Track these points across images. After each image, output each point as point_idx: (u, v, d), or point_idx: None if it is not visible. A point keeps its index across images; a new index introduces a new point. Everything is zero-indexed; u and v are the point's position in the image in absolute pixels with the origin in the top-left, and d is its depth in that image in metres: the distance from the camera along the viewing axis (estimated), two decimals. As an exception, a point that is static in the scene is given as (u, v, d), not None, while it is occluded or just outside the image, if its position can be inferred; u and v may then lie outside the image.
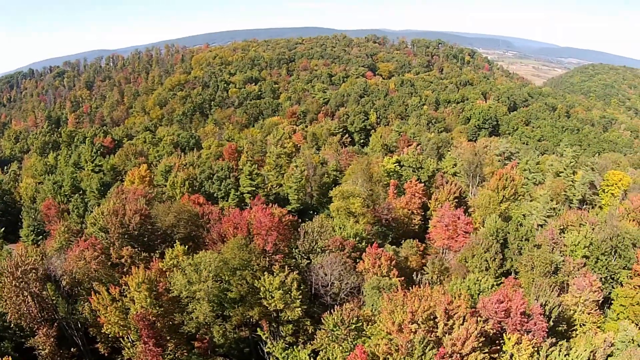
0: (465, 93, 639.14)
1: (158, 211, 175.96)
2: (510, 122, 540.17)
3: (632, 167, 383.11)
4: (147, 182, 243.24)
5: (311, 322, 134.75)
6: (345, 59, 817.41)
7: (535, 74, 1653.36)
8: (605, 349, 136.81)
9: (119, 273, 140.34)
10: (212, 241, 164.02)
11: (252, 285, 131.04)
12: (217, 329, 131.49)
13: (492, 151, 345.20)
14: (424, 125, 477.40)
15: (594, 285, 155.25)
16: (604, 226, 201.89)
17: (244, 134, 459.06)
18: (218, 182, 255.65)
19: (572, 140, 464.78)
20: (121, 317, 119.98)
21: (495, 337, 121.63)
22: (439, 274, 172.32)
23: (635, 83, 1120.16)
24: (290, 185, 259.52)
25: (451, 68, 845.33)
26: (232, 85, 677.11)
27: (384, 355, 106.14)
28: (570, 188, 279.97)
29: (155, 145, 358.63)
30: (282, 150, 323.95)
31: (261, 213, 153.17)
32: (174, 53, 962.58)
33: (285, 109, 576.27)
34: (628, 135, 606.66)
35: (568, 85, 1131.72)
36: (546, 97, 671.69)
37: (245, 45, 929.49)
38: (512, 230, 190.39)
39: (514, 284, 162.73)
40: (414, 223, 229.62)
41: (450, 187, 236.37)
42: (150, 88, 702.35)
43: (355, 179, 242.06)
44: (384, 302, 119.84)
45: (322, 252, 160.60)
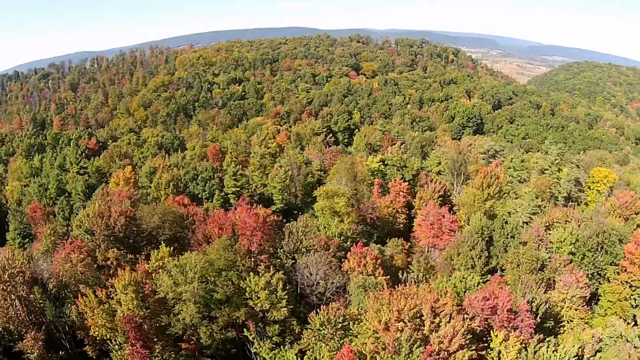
0: (449, 92, 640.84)
1: (143, 213, 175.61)
2: (495, 120, 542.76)
3: (617, 164, 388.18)
4: (132, 184, 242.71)
5: (297, 322, 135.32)
6: (328, 59, 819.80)
7: (519, 72, 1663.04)
8: (594, 344, 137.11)
9: (105, 275, 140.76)
10: (198, 242, 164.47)
11: (237, 286, 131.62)
12: (204, 330, 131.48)
13: (476, 149, 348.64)
14: (407, 124, 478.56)
15: (580, 281, 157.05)
16: (589, 223, 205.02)
17: (228, 135, 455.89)
18: (202, 183, 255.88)
19: (557, 138, 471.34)
20: (108, 319, 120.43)
21: (483, 334, 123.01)
22: (424, 273, 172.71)
23: (621, 80, 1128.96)
24: (274, 186, 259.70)
25: (435, 67, 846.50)
26: (215, 85, 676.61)
27: (371, 354, 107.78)
28: (556, 185, 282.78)
29: (140, 147, 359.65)
30: (266, 151, 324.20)
31: (246, 213, 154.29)
32: (157, 54, 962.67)
33: (269, 109, 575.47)
34: (613, 133, 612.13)
35: (553, 83, 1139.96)
36: (531, 95, 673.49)
37: (229, 46, 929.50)
38: (498, 228, 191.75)
39: (500, 281, 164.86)
40: (398, 222, 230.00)
41: (435, 186, 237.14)
42: (135, 89, 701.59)
43: (340, 178, 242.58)
44: (370, 301, 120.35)
45: (307, 251, 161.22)
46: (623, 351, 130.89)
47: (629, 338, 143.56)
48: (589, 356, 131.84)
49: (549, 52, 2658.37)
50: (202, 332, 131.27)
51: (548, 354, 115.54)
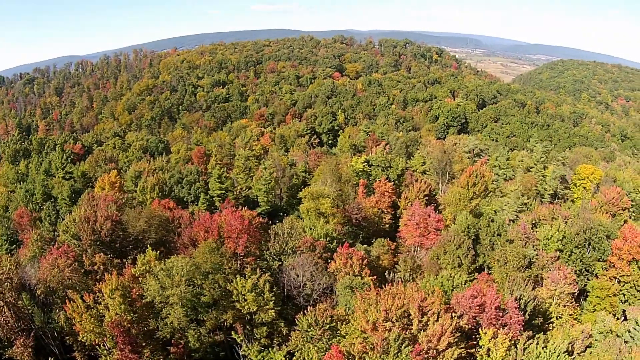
0: (433, 91, 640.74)
1: (129, 217, 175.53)
2: (479, 119, 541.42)
3: (603, 161, 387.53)
4: (118, 188, 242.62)
5: (285, 323, 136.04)
6: (312, 60, 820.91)
7: (504, 71, 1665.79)
8: (583, 340, 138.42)
9: (93, 280, 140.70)
10: (184, 245, 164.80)
11: (224, 289, 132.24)
12: (191, 334, 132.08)
13: (461, 148, 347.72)
14: (392, 125, 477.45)
15: (568, 278, 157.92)
16: (576, 219, 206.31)
17: (213, 138, 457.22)
18: (187, 186, 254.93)
19: (542, 136, 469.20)
20: (96, 324, 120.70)
21: (471, 332, 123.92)
22: (411, 272, 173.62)
23: (606, 78, 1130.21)
24: (259, 188, 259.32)
25: (419, 67, 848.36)
26: (199, 89, 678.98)
27: (359, 354, 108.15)
28: (541, 183, 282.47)
29: (125, 151, 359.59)
30: (251, 153, 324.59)
31: (231, 216, 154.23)
32: (142, 58, 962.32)
33: (253, 112, 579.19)
34: (599, 130, 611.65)
35: (537, 81, 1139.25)
36: (515, 93, 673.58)
37: (212, 49, 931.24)
38: (484, 226, 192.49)
39: (488, 279, 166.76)
40: (384, 222, 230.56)
41: (420, 185, 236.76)
42: (119, 93, 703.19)
43: (324, 179, 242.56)
44: (357, 301, 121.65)
45: (293, 253, 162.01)
46: (613, 346, 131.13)
47: (619, 333, 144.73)
48: (579, 352, 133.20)
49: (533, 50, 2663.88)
50: (190, 336, 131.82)
51: (537, 350, 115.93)
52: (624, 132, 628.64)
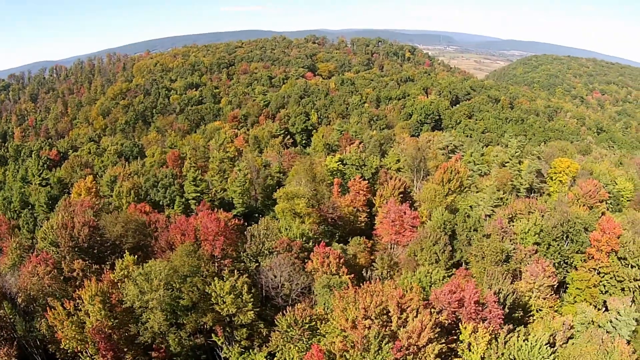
0: (406, 89, 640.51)
1: (106, 222, 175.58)
2: (453, 115, 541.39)
3: (579, 154, 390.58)
4: (94, 194, 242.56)
5: (265, 324, 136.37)
6: (285, 61, 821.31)
7: (477, 67, 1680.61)
8: (565, 331, 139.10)
9: (72, 287, 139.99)
10: (161, 249, 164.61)
11: (203, 292, 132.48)
12: (172, 338, 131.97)
13: (435, 145, 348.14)
14: (365, 123, 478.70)
15: (547, 270, 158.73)
16: (553, 213, 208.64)
17: (187, 141, 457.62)
18: (163, 190, 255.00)
19: (516, 131, 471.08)
20: (78, 331, 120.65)
21: (451, 327, 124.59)
22: (388, 269, 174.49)
23: (581, 72, 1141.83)
24: (234, 190, 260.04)
25: (392, 65, 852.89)
26: (173, 91, 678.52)
27: (340, 352, 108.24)
28: (517, 177, 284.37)
29: (100, 156, 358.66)
30: (225, 155, 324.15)
31: (207, 218, 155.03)
32: (115, 61, 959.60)
33: (226, 114, 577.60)
34: (574, 123, 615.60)
35: (511, 77, 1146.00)
36: (489, 89, 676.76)
37: (185, 51, 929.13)
38: (460, 222, 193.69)
39: (466, 274, 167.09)
40: (360, 220, 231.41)
41: (395, 183, 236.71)
42: (93, 98, 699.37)
43: (299, 179, 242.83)
44: (336, 300, 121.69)
45: (270, 254, 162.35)
46: (596, 337, 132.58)
47: (601, 324, 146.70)
48: (560, 343, 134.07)
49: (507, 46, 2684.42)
50: (171, 340, 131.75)
51: (519, 343, 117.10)
52: (600, 125, 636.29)
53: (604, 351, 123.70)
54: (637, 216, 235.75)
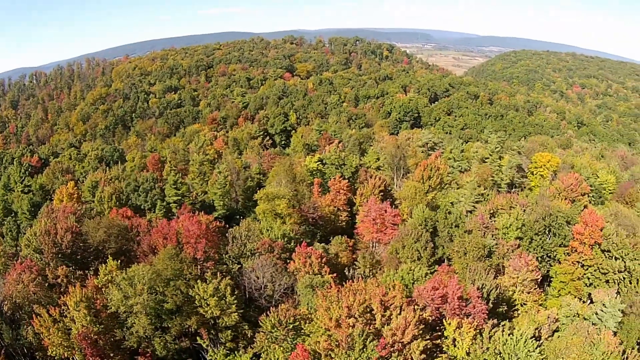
0: (384, 88, 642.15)
1: (88, 228, 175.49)
2: (432, 113, 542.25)
3: (560, 148, 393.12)
4: (76, 199, 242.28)
5: (249, 326, 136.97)
6: (263, 62, 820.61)
7: (455, 64, 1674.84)
8: (550, 324, 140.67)
9: (57, 293, 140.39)
10: (144, 253, 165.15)
11: (186, 295, 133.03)
12: (157, 342, 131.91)
13: (414, 143, 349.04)
14: (344, 123, 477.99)
15: (530, 264, 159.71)
16: (535, 207, 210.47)
17: (166, 144, 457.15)
18: (144, 194, 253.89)
19: (496, 127, 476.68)
20: (64, 337, 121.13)
21: (436, 323, 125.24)
22: (370, 268, 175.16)
23: (560, 67, 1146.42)
24: (215, 192, 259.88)
25: (370, 64, 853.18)
26: (152, 95, 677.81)
27: (325, 351, 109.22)
28: (498, 173, 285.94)
29: (81, 162, 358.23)
30: (205, 157, 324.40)
31: (189, 222, 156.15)
32: (94, 66, 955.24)
33: (205, 116, 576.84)
34: (554, 118, 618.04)
35: (490, 73, 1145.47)
36: (467, 86, 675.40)
37: (163, 55, 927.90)
38: (441, 219, 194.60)
39: (448, 270, 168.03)
40: (341, 219, 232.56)
41: (375, 181, 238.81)
42: (73, 104, 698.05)
43: (279, 180, 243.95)
44: (319, 300, 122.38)
45: (252, 255, 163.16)
46: (581, 329, 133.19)
47: (586, 316, 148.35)
48: (546, 337, 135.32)
49: (485, 42, 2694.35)
50: (157, 344, 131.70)
51: (504, 337, 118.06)
52: (580, 118, 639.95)
53: (590, 343, 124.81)
54: (620, 208, 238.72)
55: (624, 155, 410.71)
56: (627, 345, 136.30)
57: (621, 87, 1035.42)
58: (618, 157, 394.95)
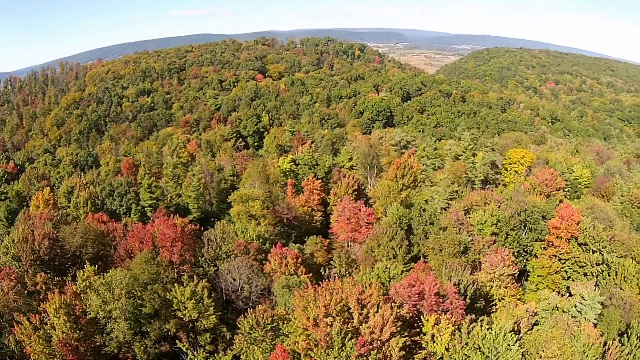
0: (356, 87, 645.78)
1: (65, 233, 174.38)
2: (404, 111, 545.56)
3: (534, 144, 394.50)
4: (52, 205, 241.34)
5: (228, 328, 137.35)
6: (235, 64, 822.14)
7: (428, 62, 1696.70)
8: (529, 318, 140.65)
9: (37, 301, 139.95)
10: (120, 258, 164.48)
11: (164, 298, 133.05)
12: (137, 346, 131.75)
13: (387, 142, 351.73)
14: (317, 123, 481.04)
15: (506, 260, 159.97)
16: (510, 203, 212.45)
17: (140, 148, 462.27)
18: (119, 198, 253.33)
19: (469, 124, 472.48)
20: (45, 345, 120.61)
21: (414, 320, 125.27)
22: (346, 267, 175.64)
23: (533, 63, 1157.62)
24: (189, 195, 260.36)
25: (341, 64, 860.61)
26: (125, 99, 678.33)
27: (304, 351, 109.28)
28: (471, 170, 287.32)
29: (56, 167, 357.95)
30: (178, 160, 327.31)
31: (164, 225, 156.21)
32: (68, 71, 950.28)
33: (178, 119, 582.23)
34: (528, 114, 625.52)
35: (463, 71, 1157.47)
36: (440, 84, 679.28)
37: (136, 58, 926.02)
38: (416, 216, 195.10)
39: (425, 267, 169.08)
40: (315, 220, 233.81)
41: (348, 181, 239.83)
42: (47, 109, 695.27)
43: (253, 182, 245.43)
44: (296, 300, 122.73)
45: (228, 257, 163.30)
46: (561, 321, 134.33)
47: (565, 309, 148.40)
48: (525, 330, 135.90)
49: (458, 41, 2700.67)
50: (137, 348, 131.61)
51: (483, 332, 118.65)
52: (554, 114, 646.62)
53: (570, 335, 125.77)
54: (596, 202, 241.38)
55: (599, 150, 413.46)
56: (608, 337, 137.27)
57: (596, 82, 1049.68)
58: (593, 151, 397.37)
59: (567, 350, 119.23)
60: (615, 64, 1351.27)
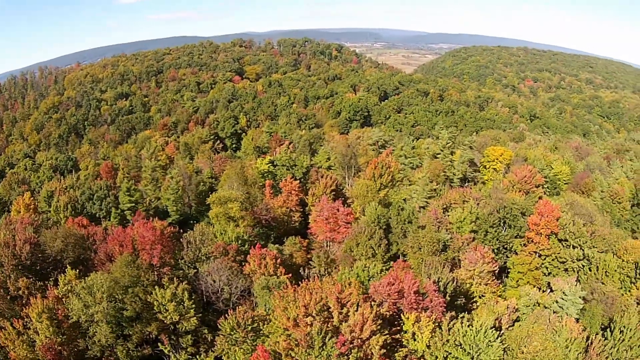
0: (334, 88, 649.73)
1: (46, 238, 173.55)
2: (382, 111, 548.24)
3: (513, 142, 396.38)
4: (33, 210, 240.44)
5: (209, 330, 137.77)
6: (212, 66, 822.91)
7: (405, 62, 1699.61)
8: (510, 314, 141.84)
9: (20, 305, 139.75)
10: (101, 262, 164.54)
11: (145, 301, 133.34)
12: (120, 350, 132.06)
13: (365, 141, 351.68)
14: (294, 124, 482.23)
15: (486, 257, 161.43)
16: (489, 200, 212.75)
17: (119, 151, 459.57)
18: (99, 202, 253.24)
19: (447, 123, 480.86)
20: (29, 350, 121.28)
21: (394, 318, 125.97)
22: (325, 267, 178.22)
23: (512, 61, 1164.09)
24: (168, 197, 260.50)
25: (319, 64, 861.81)
26: (104, 102, 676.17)
27: (285, 351, 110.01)
28: (449, 168, 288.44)
29: (36, 172, 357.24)
30: (157, 163, 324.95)
31: (143, 228, 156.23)
32: (47, 75, 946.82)
33: (156, 122, 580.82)
34: (507, 112, 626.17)
35: (440, 69, 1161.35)
36: (417, 83, 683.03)
37: (114, 61, 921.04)
38: (394, 215, 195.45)
39: (404, 266, 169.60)
40: (294, 220, 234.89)
41: (326, 181, 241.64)
42: (27, 113, 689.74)
43: (231, 183, 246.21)
44: (276, 300, 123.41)
45: (208, 259, 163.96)
46: (542, 317, 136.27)
47: (547, 304, 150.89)
48: (506, 326, 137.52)
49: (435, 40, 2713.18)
50: (119, 352, 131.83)
51: (464, 329, 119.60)
52: (533, 112, 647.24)
53: (552, 330, 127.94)
54: (576, 198, 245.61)
55: (579, 146, 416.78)
56: (591, 332, 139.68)
57: (575, 79, 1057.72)
58: (572, 148, 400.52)
59: (549, 345, 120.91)
60: (594, 60, 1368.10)
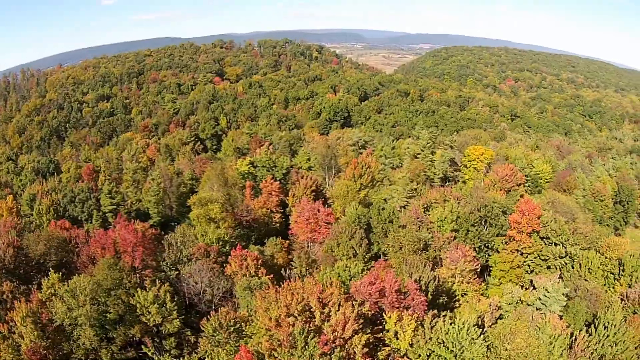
0: (314, 88, 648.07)
1: (29, 241, 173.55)
2: (362, 111, 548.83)
3: (493, 141, 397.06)
4: (15, 213, 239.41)
5: (192, 331, 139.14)
6: (193, 67, 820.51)
7: (386, 62, 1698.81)
8: (493, 312, 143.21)
9: (4, 309, 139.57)
10: (84, 264, 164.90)
11: (128, 304, 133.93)
12: (104, 353, 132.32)
13: (345, 142, 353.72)
14: (274, 125, 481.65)
15: (467, 255, 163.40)
16: (470, 199, 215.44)
17: (100, 153, 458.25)
18: (80, 205, 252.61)
19: (427, 122, 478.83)
20: (15, 354, 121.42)
21: (376, 317, 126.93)
22: (307, 267, 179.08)
23: (492, 61, 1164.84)
24: (149, 199, 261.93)
25: (299, 65, 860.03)
26: (85, 104, 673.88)
27: (268, 351, 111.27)
28: (430, 167, 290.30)
29: (18, 175, 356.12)
30: (138, 165, 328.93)
31: (125, 230, 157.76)
32: (29, 77, 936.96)
33: (137, 124, 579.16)
34: (487, 111, 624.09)
35: (421, 70, 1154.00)
36: (398, 83, 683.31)
37: (96, 63, 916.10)
38: (374, 215, 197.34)
39: (385, 265, 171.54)
40: (274, 221, 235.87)
41: (307, 182, 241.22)
42: (9, 116, 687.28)
43: (211, 185, 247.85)
44: (258, 301, 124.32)
45: (189, 261, 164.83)
46: (525, 314, 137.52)
47: (529, 302, 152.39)
48: (489, 324, 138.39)
49: (416, 40, 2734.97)
50: (104, 355, 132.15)
51: (446, 327, 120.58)
52: (514, 111, 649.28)
53: (535, 327, 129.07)
54: (557, 196, 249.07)
55: (560, 145, 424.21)
56: (575, 328, 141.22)
57: (556, 79, 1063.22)
58: (554, 146, 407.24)
59: (532, 342, 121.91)
60: (576, 60, 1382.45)
